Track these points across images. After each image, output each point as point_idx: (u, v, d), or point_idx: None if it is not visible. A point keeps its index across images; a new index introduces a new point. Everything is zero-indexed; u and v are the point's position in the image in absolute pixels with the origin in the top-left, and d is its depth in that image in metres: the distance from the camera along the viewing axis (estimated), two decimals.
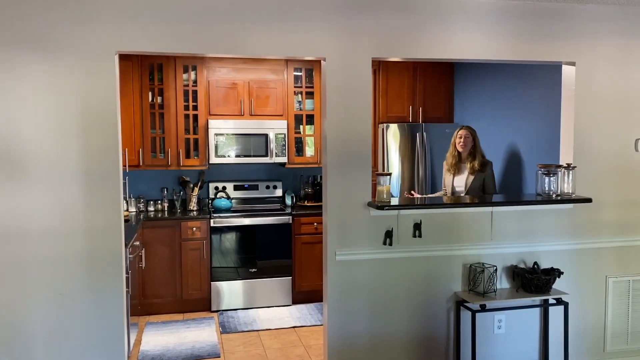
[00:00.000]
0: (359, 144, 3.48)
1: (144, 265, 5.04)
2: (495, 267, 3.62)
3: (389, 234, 3.54)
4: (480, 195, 4.58)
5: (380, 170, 5.71)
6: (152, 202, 5.76)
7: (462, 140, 4.59)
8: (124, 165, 3.83)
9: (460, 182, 4.63)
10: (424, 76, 5.86)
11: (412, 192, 5.41)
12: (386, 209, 3.37)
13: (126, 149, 4.02)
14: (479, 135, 4.63)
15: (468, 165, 4.59)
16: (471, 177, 4.59)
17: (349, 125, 3.46)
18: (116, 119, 3.21)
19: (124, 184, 3.66)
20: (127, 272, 3.92)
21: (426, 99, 5.85)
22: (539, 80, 4.51)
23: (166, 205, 5.78)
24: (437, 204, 3.51)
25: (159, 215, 5.51)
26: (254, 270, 5.48)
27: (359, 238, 3.52)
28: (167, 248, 5.31)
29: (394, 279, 3.60)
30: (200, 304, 5.44)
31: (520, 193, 4.71)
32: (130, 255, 4.05)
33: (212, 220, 5.37)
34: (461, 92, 5.80)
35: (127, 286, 3.89)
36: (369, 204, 3.49)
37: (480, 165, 4.55)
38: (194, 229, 5.33)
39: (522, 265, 3.77)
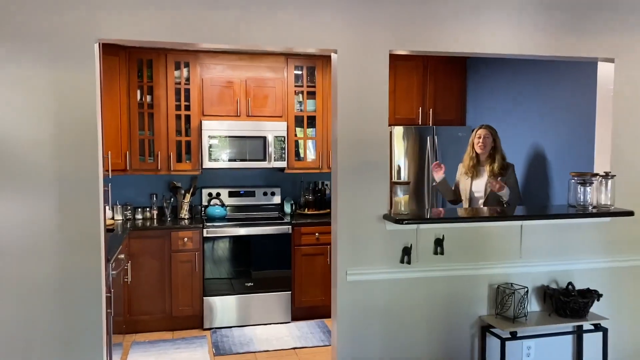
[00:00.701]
0: (375, 148, 3.07)
1: (129, 280, 4.59)
2: (526, 289, 3.22)
3: (407, 251, 3.12)
4: (500, 202, 4.18)
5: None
6: (140, 210, 5.32)
7: (481, 140, 4.18)
8: (107, 170, 3.41)
9: (479, 186, 4.23)
10: (435, 75, 5.46)
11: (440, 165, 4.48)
12: (405, 223, 2.95)
13: (109, 152, 3.58)
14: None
15: (487, 168, 4.18)
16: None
17: (363, 127, 3.05)
18: (96, 119, 2.77)
19: (106, 191, 3.22)
20: (109, 291, 3.49)
21: (437, 99, 5.45)
22: (567, 78, 4.11)
23: (155, 212, 5.34)
24: (462, 217, 3.10)
25: (148, 224, 5.07)
26: (250, 284, 5.05)
27: (374, 255, 3.11)
28: (156, 260, 4.87)
29: (412, 301, 3.19)
30: (192, 321, 4.99)
31: (546, 202, 4.31)
32: (114, 272, 3.61)
33: (205, 230, 4.93)
34: (474, 93, 5.40)
35: (109, 306, 3.46)
36: (385, 217, 3.07)
37: (500, 168, 4.14)
38: (185, 239, 4.89)
39: (554, 286, 3.37)
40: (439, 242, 3.16)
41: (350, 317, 3.10)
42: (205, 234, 4.93)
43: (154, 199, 5.35)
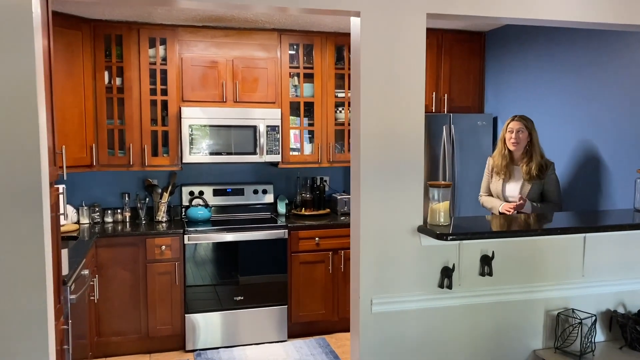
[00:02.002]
0: (407, 141, 2.39)
1: (97, 298, 3.85)
2: (594, 318, 2.56)
3: (447, 272, 2.45)
4: (537, 207, 3.53)
5: None
6: (109, 212, 4.56)
7: (513, 135, 3.52)
8: (60, 166, 2.68)
9: (514, 190, 3.56)
10: (450, 56, 4.77)
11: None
12: (450, 239, 2.27)
13: (63, 146, 2.84)
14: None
15: (523, 169, 3.52)
16: (527, 185, 3.52)
17: (392, 114, 2.36)
18: (36, 105, 2.02)
19: (60, 194, 2.49)
20: (66, 323, 2.77)
21: (452, 84, 4.77)
22: (623, 55, 3.44)
23: (128, 215, 4.59)
24: (517, 230, 2.43)
25: (119, 228, 4.32)
26: (239, 297, 4.34)
27: (406, 279, 2.43)
28: (128, 272, 4.13)
29: (452, 334, 2.52)
30: (172, 341, 4.27)
31: (595, 207, 3.64)
32: (73, 296, 2.88)
33: (186, 236, 4.20)
34: (494, 75, 4.73)
35: (66, 341, 2.74)
36: (421, 230, 2.39)
37: (539, 169, 3.49)
38: (163, 247, 4.15)
39: (621, 310, 2.73)
40: (486, 260, 2.49)
41: (377, 357, 2.42)
42: (186, 241, 4.20)
43: (126, 198, 4.60)
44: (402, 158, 2.37)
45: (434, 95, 4.67)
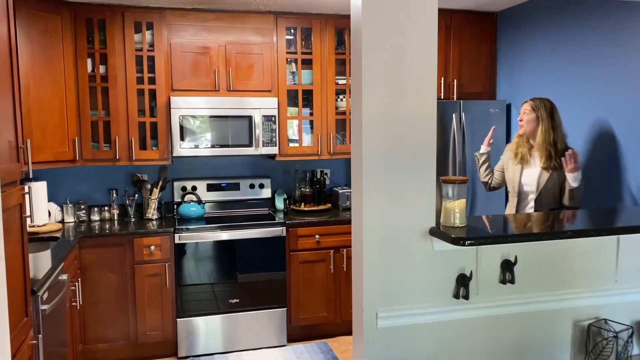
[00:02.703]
0: (416, 130, 2.07)
1: (79, 303, 3.57)
2: (631, 330, 2.26)
3: (463, 281, 2.14)
4: (556, 200, 3.22)
5: None
6: (96, 209, 4.27)
7: (519, 117, 3.29)
8: (26, 163, 2.39)
9: (530, 178, 3.27)
10: (459, 39, 4.43)
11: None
12: (468, 244, 1.96)
13: (28, 140, 2.55)
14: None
15: (539, 155, 3.23)
16: (545, 174, 3.22)
17: (400, 101, 2.04)
18: None
19: (25, 194, 2.21)
20: (36, 337, 2.49)
21: (462, 69, 4.43)
22: None
23: (116, 212, 4.30)
24: (545, 233, 2.11)
25: (107, 227, 4.03)
26: (235, 300, 4.05)
27: (416, 288, 2.13)
28: (115, 274, 3.84)
29: (470, 350, 2.22)
30: (163, 348, 4.00)
31: (617, 201, 3.33)
32: (45, 306, 2.59)
33: (177, 236, 3.90)
34: (506, 60, 4.40)
35: (36, 356, 2.47)
36: (433, 233, 2.08)
37: (557, 155, 3.18)
38: (152, 247, 3.86)
39: None
40: (508, 266, 2.19)
41: None
42: (177, 240, 3.91)
43: (114, 195, 4.30)
44: (411, 150, 2.06)
45: (442, 81, 4.34)
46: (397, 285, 2.10)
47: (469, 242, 1.95)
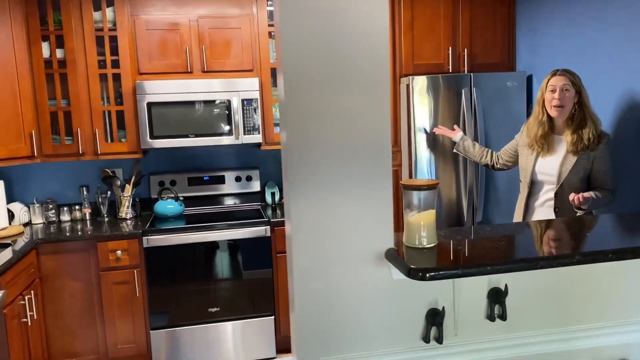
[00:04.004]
0: (363, 119, 1.52)
1: (31, 317, 3.18)
2: None
3: (435, 318, 1.60)
4: (578, 189, 2.60)
5: (401, 159, 3.71)
6: (66, 209, 3.88)
7: (556, 95, 2.61)
8: None
9: (551, 167, 2.67)
10: (470, 2, 3.78)
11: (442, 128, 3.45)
12: (429, 278, 1.41)
13: None
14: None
15: (568, 138, 2.61)
16: (571, 159, 2.61)
17: (335, 79, 1.49)
18: None
19: None
20: None
21: (473, 37, 3.78)
22: None
23: (88, 212, 3.90)
24: (543, 258, 1.52)
25: (78, 228, 3.64)
26: (215, 309, 3.60)
27: (370, 330, 1.60)
28: (80, 283, 3.45)
29: None
30: None
31: None
32: None
33: (145, 239, 3.47)
34: (527, 24, 3.73)
35: None
36: (390, 257, 1.54)
37: (590, 138, 2.57)
38: (119, 252, 3.44)
39: None
40: (497, 297, 1.63)
41: None
42: (145, 244, 3.47)
43: (85, 193, 3.90)
44: (357, 145, 1.51)
45: (450, 52, 3.71)
46: (344, 327, 1.58)
47: (430, 275, 1.40)
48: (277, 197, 4.04)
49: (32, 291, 3.19)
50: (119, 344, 3.52)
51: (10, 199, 3.80)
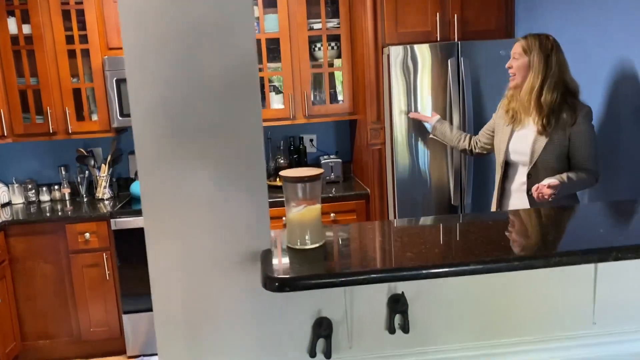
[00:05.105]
0: (227, 92, 1.30)
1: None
2: None
3: (323, 330, 1.38)
4: (555, 170, 2.29)
5: (385, 137, 3.41)
6: (45, 189, 3.82)
7: (510, 62, 2.36)
8: None
9: (522, 144, 2.39)
10: None
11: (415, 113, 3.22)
12: (277, 288, 1.19)
13: None
14: (564, 53, 2.32)
15: (535, 114, 2.32)
16: (542, 139, 2.30)
17: (190, 50, 1.27)
18: None
19: None
20: None
21: (465, 0, 3.42)
22: None
23: (67, 192, 3.83)
24: (455, 264, 1.26)
25: (58, 208, 3.60)
26: None
27: (245, 344, 1.40)
28: (50, 265, 3.40)
29: None
30: (111, 345, 3.54)
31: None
32: None
33: (113, 221, 3.36)
34: None
35: None
36: (263, 260, 1.32)
37: (559, 113, 2.26)
38: (87, 234, 3.35)
39: None
40: (397, 306, 1.39)
41: None
42: (114, 226, 3.36)
43: (63, 172, 3.82)
44: (219, 125, 1.29)
45: (437, 17, 3.37)
46: (213, 342, 1.39)
47: (290, 286, 1.18)
48: None
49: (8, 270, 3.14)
50: (92, 327, 3.47)
51: None
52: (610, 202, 2.14)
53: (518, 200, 2.47)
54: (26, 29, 3.44)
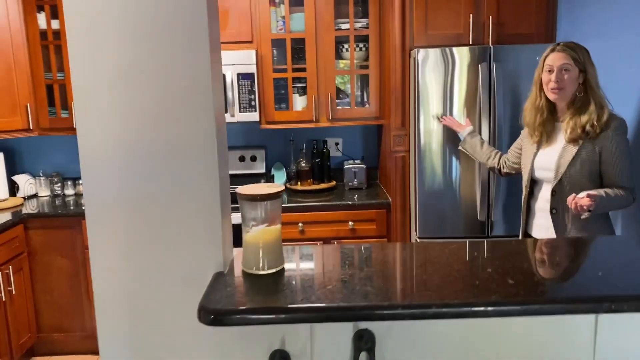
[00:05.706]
0: (178, 99, 1.19)
1: (9, 292, 3.17)
2: None
3: None
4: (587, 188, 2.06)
5: (409, 145, 3.22)
6: (70, 183, 3.86)
7: (553, 76, 2.10)
8: None
9: (549, 159, 2.18)
10: None
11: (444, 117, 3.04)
12: (212, 322, 1.06)
13: None
14: (595, 64, 2.10)
15: (566, 127, 2.11)
16: (571, 150, 2.09)
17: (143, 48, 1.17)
18: None
19: None
20: None
21: (502, 1, 3.18)
22: None
23: None
24: (432, 305, 1.11)
25: (81, 202, 3.63)
26: None
27: None
28: (66, 259, 3.41)
29: None
30: None
31: None
32: None
33: None
34: None
35: None
36: (212, 285, 1.21)
37: (593, 125, 2.04)
38: None
39: None
40: (362, 343, 1.24)
41: None
42: None
43: None
44: (169, 137, 1.18)
45: (471, 20, 3.16)
46: None
47: (226, 320, 1.06)
48: (283, 180, 3.76)
49: (10, 266, 3.17)
50: None
51: (19, 170, 3.85)
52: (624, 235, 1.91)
53: (542, 220, 2.27)
54: (55, 24, 3.46)
